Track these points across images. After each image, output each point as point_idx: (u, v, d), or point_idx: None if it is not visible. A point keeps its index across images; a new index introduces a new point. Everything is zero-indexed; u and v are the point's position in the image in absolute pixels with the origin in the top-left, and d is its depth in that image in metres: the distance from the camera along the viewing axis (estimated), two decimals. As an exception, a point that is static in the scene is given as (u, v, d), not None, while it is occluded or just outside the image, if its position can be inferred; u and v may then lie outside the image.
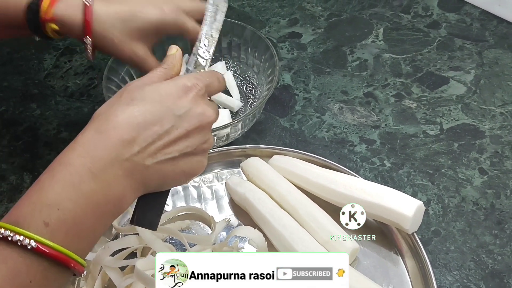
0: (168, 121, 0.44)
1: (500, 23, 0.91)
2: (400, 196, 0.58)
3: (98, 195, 0.40)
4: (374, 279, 0.55)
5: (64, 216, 0.39)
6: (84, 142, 0.41)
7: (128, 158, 0.42)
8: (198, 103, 0.45)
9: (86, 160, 0.40)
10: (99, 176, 0.40)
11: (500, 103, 0.79)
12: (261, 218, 0.60)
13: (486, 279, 0.60)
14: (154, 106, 0.43)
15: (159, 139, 0.43)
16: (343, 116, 0.77)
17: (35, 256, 0.37)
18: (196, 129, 0.45)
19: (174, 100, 0.44)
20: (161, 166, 0.44)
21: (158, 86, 0.45)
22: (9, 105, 0.81)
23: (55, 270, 0.39)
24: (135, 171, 0.42)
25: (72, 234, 0.39)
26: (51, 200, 0.39)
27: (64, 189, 0.39)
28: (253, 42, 0.77)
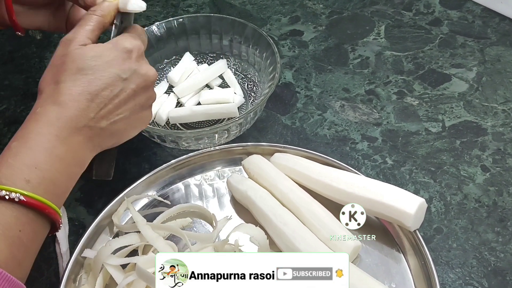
0: (117, 85, 0.48)
1: (502, 20, 0.91)
2: (402, 193, 0.58)
3: (68, 158, 0.46)
4: (376, 276, 0.55)
5: (43, 174, 0.44)
6: (46, 113, 0.46)
7: (86, 124, 0.47)
8: (141, 64, 0.50)
9: (52, 129, 0.45)
10: (66, 142, 0.46)
11: (502, 100, 0.78)
12: (262, 215, 0.60)
13: (488, 277, 0.59)
14: (102, 73, 0.47)
15: (110, 103, 0.48)
16: (345, 114, 0.77)
17: (22, 208, 0.42)
18: (142, 88, 0.50)
19: (119, 65, 0.48)
20: (114, 126, 0.49)
21: (101, 52, 0.48)
22: (10, 103, 0.80)
23: (40, 221, 0.44)
24: (93, 135, 0.48)
25: (50, 191, 0.44)
26: (29, 162, 0.44)
27: (39, 153, 0.44)
28: (254, 39, 0.77)
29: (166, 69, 0.81)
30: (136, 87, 0.49)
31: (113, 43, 0.50)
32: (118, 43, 0.50)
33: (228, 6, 0.97)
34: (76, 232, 0.63)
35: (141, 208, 0.65)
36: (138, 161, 0.71)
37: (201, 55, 0.82)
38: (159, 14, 0.95)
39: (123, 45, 0.49)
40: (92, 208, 0.66)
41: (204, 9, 0.96)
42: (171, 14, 0.95)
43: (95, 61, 0.47)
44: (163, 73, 0.81)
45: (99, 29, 0.51)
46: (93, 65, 0.47)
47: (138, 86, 0.50)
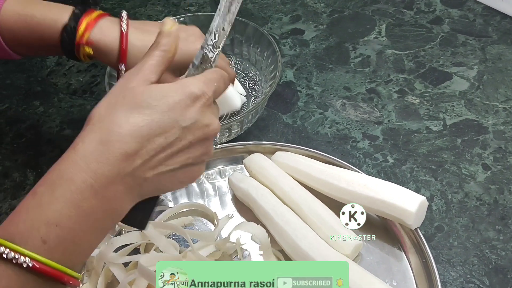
0: (174, 133, 0.41)
1: (503, 19, 0.91)
2: (403, 191, 0.58)
3: (98, 212, 0.39)
4: (377, 275, 0.55)
5: (63, 234, 0.38)
6: (86, 154, 0.39)
7: (129, 173, 0.40)
8: (205, 114, 0.43)
9: (87, 176, 0.39)
10: (101, 193, 0.39)
11: (503, 99, 0.78)
12: (264, 214, 0.60)
13: (489, 275, 0.59)
14: (160, 116, 0.41)
15: (162, 152, 0.41)
16: (346, 112, 0.77)
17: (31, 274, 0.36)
18: (200, 141, 0.43)
19: (181, 111, 0.42)
20: (160, 177, 0.42)
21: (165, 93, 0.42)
22: (12, 102, 0.81)
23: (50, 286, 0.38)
24: (135, 185, 0.41)
25: (70, 251, 0.38)
26: (50, 217, 0.37)
27: (65, 207, 0.38)
28: (255, 38, 0.77)
29: (167, 68, 0.81)
30: (193, 138, 0.43)
31: (180, 84, 0.43)
32: (186, 85, 0.43)
33: (230, 5, 0.96)
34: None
35: (142, 207, 0.65)
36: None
37: (202, 54, 0.82)
38: (160, 13, 0.95)
39: (190, 90, 0.42)
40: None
41: (205, 8, 0.96)
42: (172, 13, 0.95)
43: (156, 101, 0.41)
44: (165, 72, 0.81)
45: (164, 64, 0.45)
46: (153, 105, 0.41)
47: (195, 138, 0.43)
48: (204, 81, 0.44)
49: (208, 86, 0.43)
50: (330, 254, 0.55)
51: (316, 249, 0.55)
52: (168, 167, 0.42)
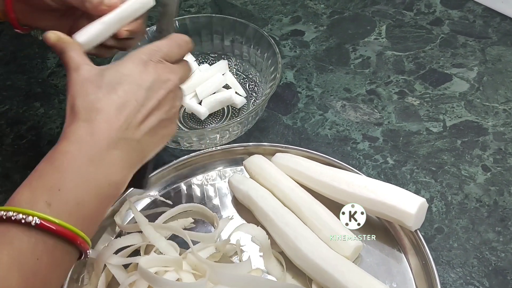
0: (140, 95, 0.45)
1: (503, 20, 0.91)
2: (403, 193, 0.58)
3: (99, 178, 0.42)
4: (377, 276, 0.55)
5: (66, 197, 0.40)
6: (75, 131, 0.42)
7: (121, 137, 0.44)
8: (161, 73, 0.47)
9: (82, 147, 0.42)
10: (97, 160, 0.42)
11: (503, 100, 0.78)
12: (264, 215, 0.60)
13: (489, 276, 0.60)
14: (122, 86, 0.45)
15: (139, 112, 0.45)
16: (346, 114, 0.77)
17: (40, 233, 0.38)
18: (166, 96, 0.47)
19: (138, 75, 0.46)
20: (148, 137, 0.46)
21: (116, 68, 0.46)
22: (13, 104, 0.81)
23: (61, 249, 0.39)
24: (131, 148, 0.45)
25: (76, 215, 0.40)
26: (52, 184, 0.40)
27: (64, 173, 0.40)
28: (255, 40, 0.78)
29: (167, 70, 0.81)
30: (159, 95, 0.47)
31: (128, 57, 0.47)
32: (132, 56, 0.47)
33: (230, 6, 0.97)
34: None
35: (143, 208, 0.65)
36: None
37: (202, 55, 0.83)
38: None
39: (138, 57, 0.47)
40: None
41: (205, 10, 0.96)
42: (172, 14, 0.95)
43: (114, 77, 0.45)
44: (165, 73, 0.81)
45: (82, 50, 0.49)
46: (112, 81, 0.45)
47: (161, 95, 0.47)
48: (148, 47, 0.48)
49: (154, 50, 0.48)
50: (330, 255, 0.55)
51: (316, 251, 0.55)
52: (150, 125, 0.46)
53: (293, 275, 0.58)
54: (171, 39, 0.51)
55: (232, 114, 0.76)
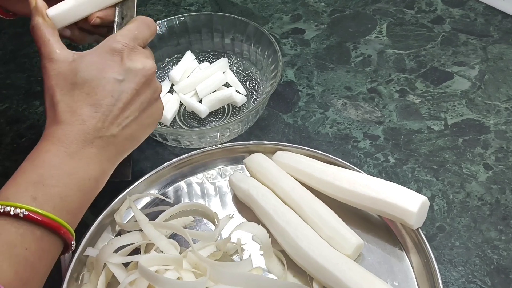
0: (116, 89, 0.46)
1: (504, 18, 0.91)
2: (404, 191, 0.58)
3: (79, 173, 0.44)
4: (379, 275, 0.55)
5: (50, 191, 0.42)
6: (52, 133, 0.45)
7: (96, 136, 0.45)
8: (135, 60, 0.47)
9: (59, 146, 0.44)
10: (76, 157, 0.44)
11: (505, 98, 0.78)
12: (264, 214, 0.60)
13: (491, 275, 0.59)
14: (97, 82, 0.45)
15: (114, 108, 0.46)
16: (347, 112, 0.77)
17: (28, 224, 0.40)
18: (143, 84, 0.48)
19: (112, 68, 0.46)
20: (127, 130, 0.47)
21: (90, 61, 0.46)
22: (12, 102, 0.81)
23: (48, 239, 0.41)
24: (107, 144, 0.46)
25: (60, 208, 0.42)
26: (35, 179, 0.42)
27: (46, 169, 0.42)
28: (256, 38, 0.77)
29: (167, 68, 0.81)
30: (136, 85, 0.47)
31: (100, 47, 0.47)
32: (105, 45, 0.47)
33: (230, 5, 0.96)
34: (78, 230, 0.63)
35: (143, 207, 0.65)
36: (140, 160, 0.71)
37: (202, 53, 0.82)
38: (161, 12, 0.95)
39: (110, 46, 0.47)
40: (94, 207, 0.65)
41: (205, 8, 0.96)
42: (172, 12, 0.95)
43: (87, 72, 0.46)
44: (165, 71, 0.81)
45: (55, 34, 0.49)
46: (86, 77, 0.45)
47: (138, 84, 0.47)
48: (120, 34, 0.48)
49: (126, 37, 0.48)
50: (331, 254, 0.55)
51: (317, 249, 0.55)
52: (129, 118, 0.47)
53: (294, 273, 0.57)
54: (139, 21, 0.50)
55: (233, 113, 0.76)
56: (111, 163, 0.48)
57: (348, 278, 0.52)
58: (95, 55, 0.47)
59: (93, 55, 0.47)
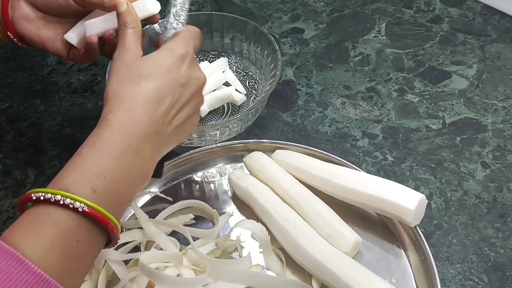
0: (177, 91, 0.48)
1: (502, 18, 0.91)
2: (402, 189, 0.58)
3: (136, 168, 0.45)
4: (377, 272, 0.55)
5: (109, 184, 0.42)
6: (117, 119, 0.45)
7: (155, 132, 0.46)
8: (194, 69, 0.50)
9: (124, 137, 0.44)
10: (137, 151, 0.45)
11: (502, 97, 0.79)
12: (264, 212, 0.60)
13: (488, 272, 0.60)
14: (163, 79, 0.47)
15: (173, 108, 0.48)
16: (346, 111, 0.77)
17: (83, 218, 0.40)
18: (196, 92, 0.51)
19: (177, 71, 0.48)
20: (176, 131, 0.49)
21: (158, 59, 0.48)
22: (13, 101, 0.81)
23: (98, 232, 0.42)
24: (162, 142, 0.48)
25: (114, 201, 0.43)
26: (97, 170, 0.42)
27: (109, 162, 0.43)
28: (255, 37, 0.78)
29: (167, 67, 0.81)
30: (191, 92, 0.50)
31: (168, 50, 0.50)
32: (173, 49, 0.50)
33: (230, 4, 0.97)
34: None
35: (143, 205, 0.65)
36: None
37: (202, 53, 0.83)
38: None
39: (178, 52, 0.49)
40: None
41: (205, 7, 0.96)
42: (172, 12, 0.95)
43: (156, 68, 0.48)
44: (165, 70, 0.81)
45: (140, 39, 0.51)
46: (154, 72, 0.47)
47: (193, 91, 0.50)
48: (184, 42, 0.51)
49: (188, 45, 0.51)
50: (329, 251, 0.55)
51: (315, 247, 0.56)
52: (180, 120, 0.49)
53: (293, 271, 0.58)
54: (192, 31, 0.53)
55: (232, 111, 0.77)
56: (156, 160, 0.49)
57: (347, 275, 0.53)
58: (163, 56, 0.49)
59: (160, 56, 0.49)
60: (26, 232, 0.39)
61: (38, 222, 0.40)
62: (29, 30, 0.57)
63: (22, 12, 0.56)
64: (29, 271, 0.36)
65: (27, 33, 0.57)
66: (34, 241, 0.38)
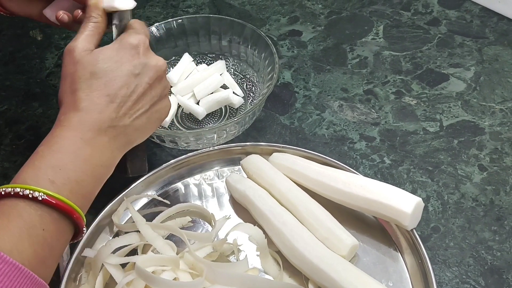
0: (131, 82, 0.49)
1: (500, 20, 0.91)
2: (399, 192, 0.58)
3: (94, 159, 0.47)
4: (373, 275, 0.55)
5: (68, 175, 0.44)
6: (69, 119, 0.47)
7: (110, 125, 0.48)
8: (149, 57, 0.51)
9: (76, 133, 0.46)
10: (91, 144, 0.47)
11: (500, 100, 0.79)
12: (261, 215, 0.60)
13: (485, 275, 0.60)
14: (115, 73, 0.48)
15: (129, 100, 0.49)
16: (343, 114, 0.78)
17: (46, 207, 0.42)
18: (156, 79, 0.51)
19: (130, 62, 0.49)
20: (137, 122, 0.50)
21: (109, 54, 0.49)
22: (12, 104, 0.81)
23: (63, 222, 0.44)
24: (118, 134, 0.49)
25: (76, 192, 0.45)
26: (54, 163, 0.44)
27: (64, 155, 0.45)
28: (253, 40, 0.78)
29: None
30: (149, 79, 0.51)
31: (118, 42, 0.51)
32: (123, 41, 0.51)
33: (228, 7, 0.97)
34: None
35: (140, 208, 0.65)
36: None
37: (200, 55, 0.83)
38: (159, 14, 0.96)
39: (129, 42, 0.51)
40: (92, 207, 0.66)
41: (203, 10, 0.97)
42: (170, 15, 0.95)
43: (106, 63, 0.49)
44: (163, 73, 0.81)
45: (99, 34, 0.53)
46: (105, 68, 0.49)
47: (151, 79, 0.51)
48: (135, 31, 0.52)
49: (140, 34, 0.52)
50: (326, 255, 0.55)
51: (312, 250, 0.56)
52: (140, 111, 0.50)
53: (289, 274, 0.58)
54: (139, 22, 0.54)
55: (230, 114, 0.77)
56: (120, 151, 0.51)
57: (343, 278, 0.53)
58: (114, 49, 0.50)
59: (112, 49, 0.50)
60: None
61: (4, 215, 0.42)
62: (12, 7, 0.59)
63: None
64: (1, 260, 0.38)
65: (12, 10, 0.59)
66: (3, 233, 0.40)
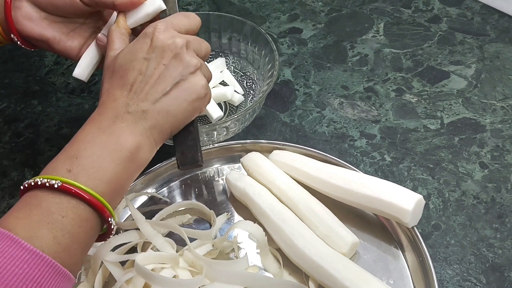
0: (144, 66, 0.49)
1: (501, 17, 0.91)
2: (400, 190, 0.58)
3: (110, 144, 0.46)
4: (374, 273, 0.55)
5: (83, 162, 0.44)
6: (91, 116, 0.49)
7: (126, 111, 0.48)
8: (164, 37, 0.50)
9: (93, 124, 0.48)
10: (106, 131, 0.47)
11: (501, 97, 0.78)
12: (261, 212, 0.60)
13: (486, 273, 0.60)
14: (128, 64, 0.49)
15: (146, 84, 0.49)
16: (344, 111, 0.77)
17: (63, 195, 0.43)
18: (172, 59, 0.49)
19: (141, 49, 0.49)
20: (159, 104, 0.49)
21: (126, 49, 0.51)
22: (11, 101, 0.81)
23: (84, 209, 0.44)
24: (138, 119, 0.48)
25: (94, 177, 0.44)
26: (70, 153, 0.45)
27: (79, 144, 0.46)
28: (253, 37, 0.77)
29: (165, 67, 0.81)
30: (164, 60, 0.49)
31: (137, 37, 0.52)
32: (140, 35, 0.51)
33: (228, 4, 0.97)
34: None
35: (140, 206, 0.65)
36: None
37: (200, 53, 0.82)
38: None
39: (143, 32, 0.51)
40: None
41: (203, 7, 0.96)
42: (170, 12, 0.95)
43: (123, 58, 0.50)
44: (163, 71, 0.81)
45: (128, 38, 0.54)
46: (121, 62, 0.50)
47: (166, 59, 0.49)
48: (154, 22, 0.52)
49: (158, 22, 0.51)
50: (327, 252, 0.55)
51: (313, 248, 0.55)
52: (160, 93, 0.49)
53: (290, 272, 0.58)
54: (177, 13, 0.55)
55: (230, 112, 0.76)
56: (145, 137, 0.49)
57: (344, 276, 0.53)
58: (131, 44, 0.51)
59: (129, 45, 0.51)
60: (18, 215, 0.42)
61: (27, 205, 0.43)
62: (32, 31, 0.56)
63: (25, 13, 0.55)
64: (22, 248, 0.39)
65: (31, 34, 0.56)
66: (24, 222, 0.41)
